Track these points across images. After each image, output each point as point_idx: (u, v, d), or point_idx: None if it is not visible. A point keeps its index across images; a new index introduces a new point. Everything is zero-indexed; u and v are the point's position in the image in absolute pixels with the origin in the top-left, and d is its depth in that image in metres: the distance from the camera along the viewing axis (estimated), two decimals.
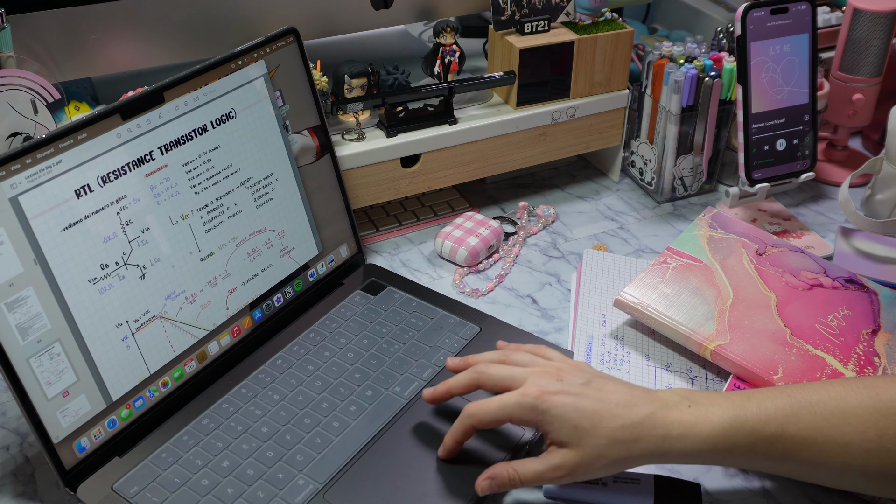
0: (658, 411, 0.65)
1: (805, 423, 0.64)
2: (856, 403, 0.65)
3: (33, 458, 0.76)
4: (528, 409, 0.66)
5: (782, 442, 0.64)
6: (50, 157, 0.67)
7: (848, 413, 0.64)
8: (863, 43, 1.08)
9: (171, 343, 0.76)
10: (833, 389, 0.66)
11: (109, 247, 0.71)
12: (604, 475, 0.67)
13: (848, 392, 0.66)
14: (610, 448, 0.64)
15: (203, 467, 0.71)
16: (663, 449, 0.65)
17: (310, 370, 0.81)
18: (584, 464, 0.65)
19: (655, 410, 0.65)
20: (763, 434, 0.64)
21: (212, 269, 0.79)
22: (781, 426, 0.64)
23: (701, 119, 1.04)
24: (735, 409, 0.65)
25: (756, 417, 0.65)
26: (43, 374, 0.67)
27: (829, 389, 0.66)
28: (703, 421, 0.65)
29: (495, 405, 0.67)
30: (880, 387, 0.66)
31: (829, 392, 0.66)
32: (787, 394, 0.66)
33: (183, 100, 0.76)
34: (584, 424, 0.65)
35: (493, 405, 0.67)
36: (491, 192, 1.12)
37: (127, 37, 0.94)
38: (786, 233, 1.03)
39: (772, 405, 0.65)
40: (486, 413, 0.68)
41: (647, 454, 0.65)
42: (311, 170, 0.89)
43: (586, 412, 0.65)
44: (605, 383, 0.68)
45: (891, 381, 0.66)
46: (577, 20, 1.04)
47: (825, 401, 0.65)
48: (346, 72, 0.94)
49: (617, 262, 0.95)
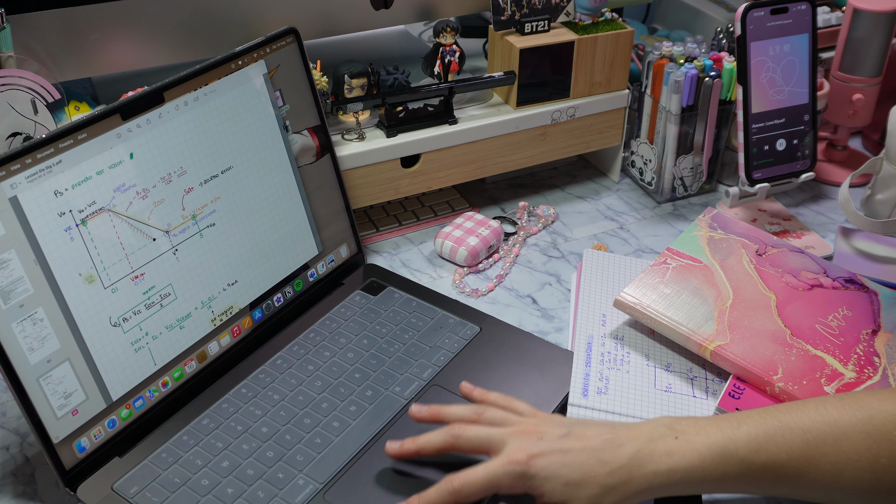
0: (644, 447, 0.64)
1: (797, 452, 0.63)
2: (849, 429, 0.63)
3: (33, 458, 0.76)
4: (518, 477, 0.63)
5: (773, 470, 0.63)
6: (50, 157, 0.67)
7: (840, 441, 0.63)
8: (863, 43, 1.08)
9: (171, 343, 0.76)
10: (826, 413, 0.64)
11: (109, 247, 0.71)
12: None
13: (840, 415, 0.64)
14: (604, 496, 0.63)
15: (203, 467, 0.71)
16: (654, 484, 0.63)
17: (310, 370, 0.81)
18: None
19: (641, 447, 0.64)
20: (754, 463, 0.63)
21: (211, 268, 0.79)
22: (772, 455, 0.63)
23: (701, 119, 1.04)
24: (724, 438, 0.64)
25: (746, 447, 0.63)
26: (43, 374, 0.67)
27: (821, 413, 0.64)
28: (691, 452, 0.63)
29: (481, 476, 0.63)
30: (874, 408, 0.64)
31: (821, 416, 0.64)
32: (778, 419, 0.64)
33: (183, 100, 0.76)
34: (574, 479, 0.63)
35: (478, 476, 0.63)
36: (491, 192, 1.12)
37: (127, 37, 0.94)
38: (786, 233, 1.03)
39: (762, 433, 0.64)
40: (473, 485, 0.63)
41: (640, 492, 0.63)
42: (311, 170, 0.89)
43: (574, 466, 0.63)
44: (584, 430, 0.66)
45: (883, 399, 0.65)
46: (577, 20, 1.04)
47: (818, 427, 0.63)
48: (346, 72, 0.94)
49: (617, 262, 0.95)
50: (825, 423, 0.64)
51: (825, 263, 0.90)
